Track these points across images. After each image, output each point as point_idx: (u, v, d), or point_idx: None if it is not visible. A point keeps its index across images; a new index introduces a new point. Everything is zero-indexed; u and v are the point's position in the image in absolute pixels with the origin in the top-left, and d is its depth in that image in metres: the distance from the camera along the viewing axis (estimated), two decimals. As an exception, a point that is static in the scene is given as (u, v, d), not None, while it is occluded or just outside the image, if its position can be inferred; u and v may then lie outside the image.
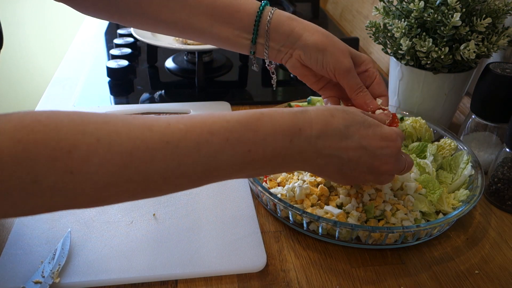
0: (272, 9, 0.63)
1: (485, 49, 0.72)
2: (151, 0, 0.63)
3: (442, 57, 0.73)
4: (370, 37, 0.81)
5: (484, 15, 0.71)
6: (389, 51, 0.81)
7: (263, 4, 0.63)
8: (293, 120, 0.48)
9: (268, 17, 0.62)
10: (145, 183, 0.41)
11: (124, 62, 1.02)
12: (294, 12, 1.37)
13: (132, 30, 1.03)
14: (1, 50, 0.68)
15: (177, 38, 1.03)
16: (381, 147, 0.52)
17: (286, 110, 0.49)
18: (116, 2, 0.64)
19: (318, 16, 1.52)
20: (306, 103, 0.83)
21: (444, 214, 0.63)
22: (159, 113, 0.89)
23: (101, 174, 0.39)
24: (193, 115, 0.45)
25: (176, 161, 0.42)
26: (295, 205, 0.60)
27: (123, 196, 0.42)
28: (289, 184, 0.64)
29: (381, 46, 0.82)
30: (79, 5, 0.66)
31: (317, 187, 0.63)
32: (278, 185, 0.66)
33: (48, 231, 0.60)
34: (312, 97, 0.84)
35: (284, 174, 0.67)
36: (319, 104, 0.81)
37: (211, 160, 0.44)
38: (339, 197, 0.61)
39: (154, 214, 0.63)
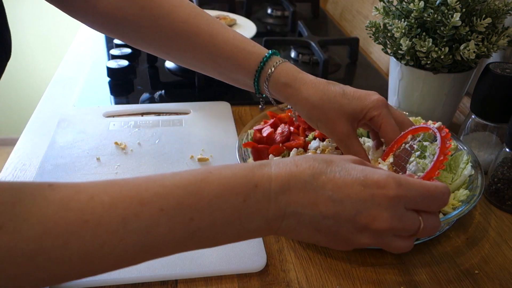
0: (279, 61, 0.62)
1: (485, 49, 0.72)
2: (159, 38, 0.65)
3: (442, 57, 0.73)
4: (370, 37, 0.81)
5: (484, 15, 0.71)
6: (389, 51, 0.81)
7: (268, 54, 0.63)
8: (247, 176, 0.40)
9: (271, 68, 0.62)
10: (61, 270, 0.36)
11: (124, 62, 1.02)
12: (294, 12, 1.37)
13: (132, 30, 1.03)
14: (5, 56, 0.68)
15: (177, 38, 1.02)
16: (363, 198, 0.40)
17: (242, 165, 0.42)
18: (131, 30, 0.65)
19: (318, 16, 1.52)
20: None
21: (444, 214, 0.63)
22: (159, 113, 0.89)
23: (7, 266, 0.33)
24: (129, 179, 0.39)
25: (98, 242, 0.36)
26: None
27: (39, 285, 0.36)
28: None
29: (381, 46, 0.82)
30: (90, 22, 0.68)
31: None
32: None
33: (48, 231, 0.60)
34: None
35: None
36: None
37: (143, 236, 0.37)
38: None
39: (154, 214, 0.63)
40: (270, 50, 0.63)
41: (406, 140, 0.56)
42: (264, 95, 0.66)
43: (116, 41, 1.13)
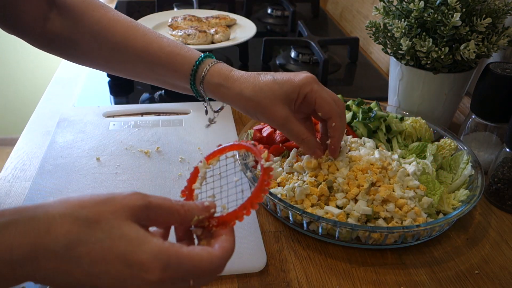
0: (212, 63, 0.63)
1: (485, 49, 0.72)
2: (99, 52, 0.67)
3: (442, 57, 0.73)
4: (370, 37, 0.81)
5: (484, 15, 0.71)
6: (389, 51, 0.81)
7: (200, 57, 0.64)
8: None
9: (204, 71, 0.63)
10: None
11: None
12: (294, 12, 1.37)
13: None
14: (1, 51, 0.69)
15: (177, 38, 1.03)
16: (123, 278, 0.37)
17: None
18: (71, 47, 0.68)
19: (318, 16, 1.52)
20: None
21: (444, 214, 0.63)
22: (159, 113, 0.89)
23: None
24: None
25: None
26: (295, 205, 0.60)
27: None
28: (289, 184, 0.64)
29: (381, 46, 0.82)
30: (37, 43, 0.69)
31: (317, 187, 0.63)
32: (278, 185, 0.66)
33: (48, 231, 0.60)
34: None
35: (284, 174, 0.67)
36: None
37: None
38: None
39: (154, 214, 0.63)
40: (203, 53, 0.65)
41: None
42: (207, 99, 0.67)
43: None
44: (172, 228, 0.44)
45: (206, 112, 0.69)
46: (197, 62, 0.63)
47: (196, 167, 0.48)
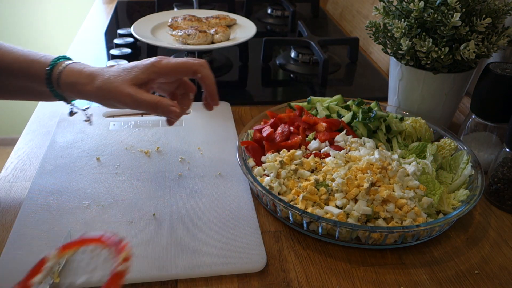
0: (65, 64, 0.64)
1: (485, 49, 0.72)
2: None
3: (442, 57, 0.73)
4: (370, 37, 0.81)
5: (484, 15, 0.72)
6: (389, 51, 0.81)
7: (54, 59, 0.65)
8: None
9: (58, 71, 0.64)
10: None
11: (124, 62, 1.02)
12: (294, 12, 1.37)
13: (132, 30, 1.03)
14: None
15: (177, 38, 1.03)
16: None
17: None
18: None
19: (318, 16, 1.52)
20: (306, 103, 0.83)
21: (444, 214, 0.63)
22: (159, 113, 0.89)
23: None
24: None
25: None
26: (295, 205, 0.60)
27: None
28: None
29: (381, 46, 0.82)
30: None
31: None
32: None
33: (48, 231, 0.60)
34: (312, 97, 0.84)
35: (284, 174, 0.67)
36: (319, 104, 0.82)
37: None
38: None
39: (154, 214, 0.63)
40: (57, 57, 0.66)
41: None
42: (69, 100, 0.68)
43: (116, 41, 1.13)
44: None
45: (70, 113, 0.70)
46: (50, 66, 0.64)
47: (43, 258, 0.41)
